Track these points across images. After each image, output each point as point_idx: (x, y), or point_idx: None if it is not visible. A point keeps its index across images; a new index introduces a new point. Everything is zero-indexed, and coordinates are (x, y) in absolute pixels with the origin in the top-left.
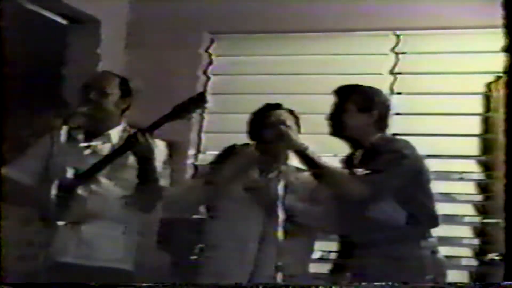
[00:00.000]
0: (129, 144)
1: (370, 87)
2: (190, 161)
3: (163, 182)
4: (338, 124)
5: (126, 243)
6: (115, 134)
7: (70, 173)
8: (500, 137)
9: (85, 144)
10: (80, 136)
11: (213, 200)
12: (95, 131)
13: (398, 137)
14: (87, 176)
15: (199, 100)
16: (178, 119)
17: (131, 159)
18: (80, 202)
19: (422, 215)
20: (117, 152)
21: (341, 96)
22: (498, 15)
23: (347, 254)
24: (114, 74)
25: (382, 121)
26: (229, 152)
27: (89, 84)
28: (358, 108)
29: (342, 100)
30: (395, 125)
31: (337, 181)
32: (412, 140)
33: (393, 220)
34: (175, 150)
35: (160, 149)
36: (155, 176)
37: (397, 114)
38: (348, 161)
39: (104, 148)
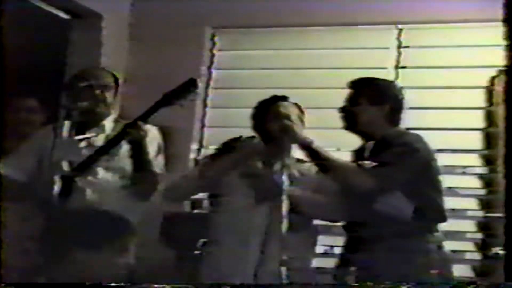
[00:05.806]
0: (123, 134)
1: (384, 80)
2: (192, 155)
3: (158, 169)
4: (350, 117)
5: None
6: (109, 124)
7: (65, 167)
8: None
9: (81, 137)
10: (74, 129)
11: (214, 188)
12: (89, 123)
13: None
14: (83, 168)
15: (189, 86)
16: (170, 105)
17: (125, 148)
18: (79, 194)
19: (430, 209)
20: (112, 142)
21: (355, 89)
22: (501, 8)
23: (353, 248)
24: (104, 69)
25: (394, 115)
26: (235, 143)
27: (89, 80)
28: (369, 101)
29: (355, 93)
30: None
31: (343, 173)
32: None
33: (400, 214)
34: (171, 136)
35: (154, 136)
36: (150, 163)
37: None
38: (359, 154)
39: (99, 140)
